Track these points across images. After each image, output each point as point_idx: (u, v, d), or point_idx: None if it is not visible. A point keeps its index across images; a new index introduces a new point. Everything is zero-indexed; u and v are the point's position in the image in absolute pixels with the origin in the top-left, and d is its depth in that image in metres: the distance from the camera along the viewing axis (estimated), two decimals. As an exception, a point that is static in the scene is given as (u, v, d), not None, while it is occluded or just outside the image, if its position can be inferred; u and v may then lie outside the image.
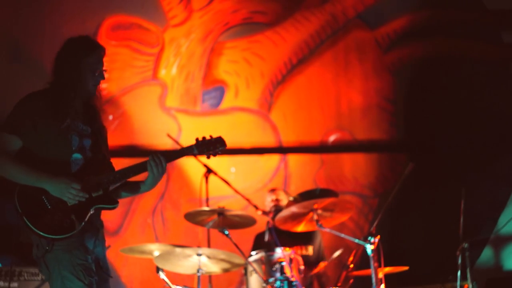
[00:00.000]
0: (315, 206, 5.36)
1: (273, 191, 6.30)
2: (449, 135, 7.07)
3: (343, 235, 5.46)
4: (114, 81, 7.10)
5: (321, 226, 5.32)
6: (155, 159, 3.41)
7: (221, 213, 5.43)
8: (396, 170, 7.19)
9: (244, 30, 7.39)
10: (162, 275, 5.25)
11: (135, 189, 3.58)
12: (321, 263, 5.81)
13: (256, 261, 5.38)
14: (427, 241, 6.70)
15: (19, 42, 6.89)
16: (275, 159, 7.30)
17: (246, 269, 5.46)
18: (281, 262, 5.26)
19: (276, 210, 6.00)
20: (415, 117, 7.34)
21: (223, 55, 7.34)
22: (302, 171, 7.28)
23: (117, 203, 3.45)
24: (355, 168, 7.31)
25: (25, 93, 3.50)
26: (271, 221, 5.88)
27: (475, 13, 7.40)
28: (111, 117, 7.04)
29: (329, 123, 7.38)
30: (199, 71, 7.29)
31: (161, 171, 3.42)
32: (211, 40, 7.32)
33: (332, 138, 7.37)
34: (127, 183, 3.56)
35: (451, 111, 7.16)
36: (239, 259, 5.36)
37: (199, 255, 5.24)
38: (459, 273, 5.19)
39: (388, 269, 5.23)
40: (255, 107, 7.33)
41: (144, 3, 7.26)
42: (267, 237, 5.96)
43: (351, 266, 5.46)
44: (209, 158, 3.57)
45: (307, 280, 5.59)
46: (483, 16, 7.36)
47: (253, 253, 5.48)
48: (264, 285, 5.20)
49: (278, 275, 5.22)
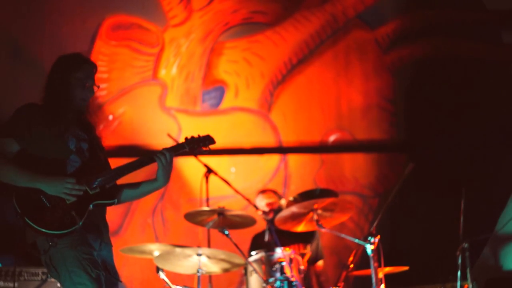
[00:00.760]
0: (315, 206, 5.36)
1: (264, 192, 6.24)
2: (449, 135, 7.07)
3: (343, 235, 5.47)
4: (114, 81, 7.11)
5: (321, 226, 5.32)
6: (159, 155, 3.52)
7: (221, 213, 5.43)
8: (396, 170, 7.19)
9: (244, 30, 7.39)
10: (162, 275, 5.25)
11: (140, 187, 3.61)
12: (319, 261, 5.83)
13: (256, 261, 5.38)
14: (427, 241, 6.69)
15: (19, 42, 6.89)
16: (275, 159, 7.30)
17: (246, 269, 5.45)
18: (281, 262, 5.26)
19: (275, 211, 5.99)
20: (415, 117, 7.34)
21: (223, 55, 7.34)
22: (302, 171, 7.28)
23: (116, 198, 3.47)
24: (355, 168, 7.31)
25: (25, 93, 3.53)
26: (268, 224, 5.88)
27: (475, 13, 7.40)
28: (111, 117, 7.04)
29: (329, 123, 7.38)
30: (199, 71, 7.29)
31: (169, 159, 3.54)
32: (211, 40, 7.32)
33: (332, 138, 7.37)
34: (129, 184, 3.59)
35: (451, 111, 7.16)
36: (239, 259, 5.36)
37: (199, 255, 5.24)
38: (459, 273, 5.19)
39: (388, 269, 5.23)
40: (255, 107, 7.33)
41: (144, 3, 7.26)
42: (267, 237, 5.96)
43: (351, 266, 5.45)
44: (199, 154, 3.67)
45: (305, 278, 5.58)
46: (483, 16, 7.36)
47: (253, 253, 5.48)
48: (264, 285, 5.20)
49: (278, 275, 5.22)
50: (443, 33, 7.39)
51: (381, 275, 5.08)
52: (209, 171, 5.94)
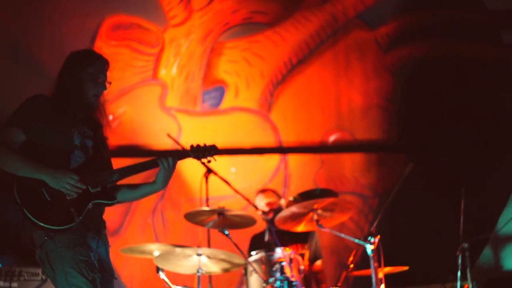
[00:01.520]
0: (315, 206, 5.36)
1: (264, 192, 6.23)
2: (449, 135, 7.07)
3: (343, 235, 5.47)
4: (114, 81, 7.04)
5: (321, 226, 5.32)
6: (162, 159, 3.53)
7: (221, 213, 5.43)
8: (396, 170, 7.18)
9: (244, 30, 7.39)
10: (162, 275, 5.25)
11: (139, 188, 3.61)
12: (318, 261, 5.83)
13: (256, 261, 5.38)
14: (427, 241, 6.69)
15: (19, 42, 6.88)
16: (275, 159, 7.30)
17: (246, 269, 5.45)
18: (281, 262, 5.26)
19: (274, 211, 5.98)
20: (415, 117, 7.34)
21: (223, 55, 7.34)
22: (302, 171, 7.28)
23: (116, 199, 3.48)
24: (355, 168, 7.31)
25: (25, 93, 3.52)
26: (268, 224, 5.88)
27: (475, 13, 7.40)
28: (111, 117, 7.03)
29: (329, 123, 7.38)
30: (199, 71, 7.29)
31: (171, 165, 3.55)
32: (211, 40, 7.32)
33: (332, 138, 7.37)
34: (128, 185, 3.59)
35: (451, 111, 7.16)
36: (239, 259, 5.36)
37: (199, 255, 5.24)
38: (459, 273, 5.20)
39: (388, 269, 5.23)
40: (255, 107, 7.33)
41: (144, 3, 7.26)
42: (267, 237, 5.96)
43: (351, 266, 5.46)
44: (203, 163, 3.70)
45: (305, 278, 5.58)
46: (483, 16, 7.36)
47: (253, 253, 5.48)
48: (264, 285, 5.20)
49: (278, 275, 5.22)
50: (443, 33, 7.39)
51: (381, 275, 5.08)
52: (209, 171, 5.94)
